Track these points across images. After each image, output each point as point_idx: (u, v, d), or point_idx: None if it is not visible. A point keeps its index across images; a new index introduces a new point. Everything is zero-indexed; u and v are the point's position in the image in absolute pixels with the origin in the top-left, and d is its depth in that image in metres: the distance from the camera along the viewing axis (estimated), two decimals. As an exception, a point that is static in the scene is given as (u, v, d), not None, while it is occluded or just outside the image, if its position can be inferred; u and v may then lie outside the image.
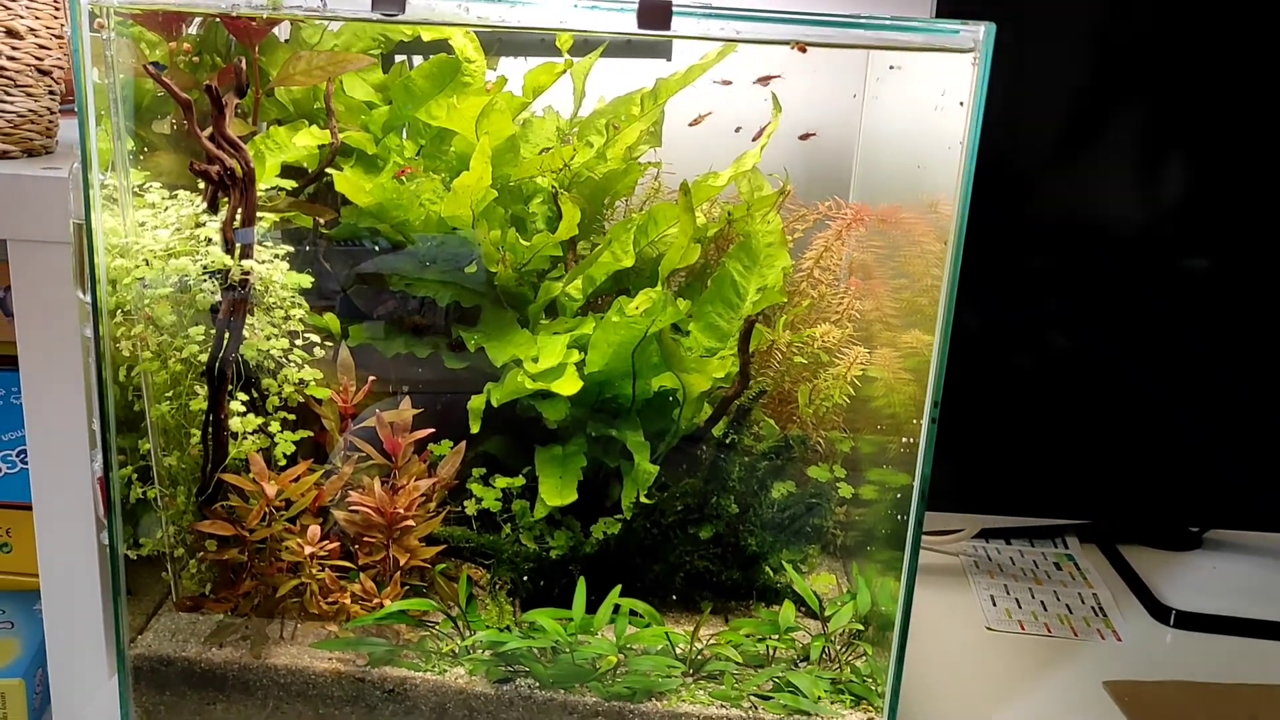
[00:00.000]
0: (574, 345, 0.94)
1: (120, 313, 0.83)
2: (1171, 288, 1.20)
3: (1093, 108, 1.16)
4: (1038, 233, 1.20)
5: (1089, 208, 1.20)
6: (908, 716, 0.98)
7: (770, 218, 1.04)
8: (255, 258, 0.85)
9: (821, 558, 1.09)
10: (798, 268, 1.07)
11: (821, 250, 1.07)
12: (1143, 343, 1.22)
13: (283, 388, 0.89)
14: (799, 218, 1.10)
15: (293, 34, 1.02)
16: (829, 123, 1.17)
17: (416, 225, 0.95)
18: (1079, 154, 1.18)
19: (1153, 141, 1.18)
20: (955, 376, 0.83)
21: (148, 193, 0.85)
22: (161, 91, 0.85)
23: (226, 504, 0.88)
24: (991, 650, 1.13)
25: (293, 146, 0.94)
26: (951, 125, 0.79)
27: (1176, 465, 1.27)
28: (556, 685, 0.88)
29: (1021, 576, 1.27)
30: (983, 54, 0.76)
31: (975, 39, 0.76)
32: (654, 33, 0.74)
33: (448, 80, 0.98)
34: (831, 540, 1.09)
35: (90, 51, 0.77)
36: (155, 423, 0.87)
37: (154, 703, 0.89)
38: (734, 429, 0.98)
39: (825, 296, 1.08)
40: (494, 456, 1.00)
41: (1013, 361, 1.24)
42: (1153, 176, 1.19)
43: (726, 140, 1.10)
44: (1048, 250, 1.21)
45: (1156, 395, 1.24)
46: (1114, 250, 1.20)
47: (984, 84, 0.76)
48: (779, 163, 1.10)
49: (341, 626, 0.90)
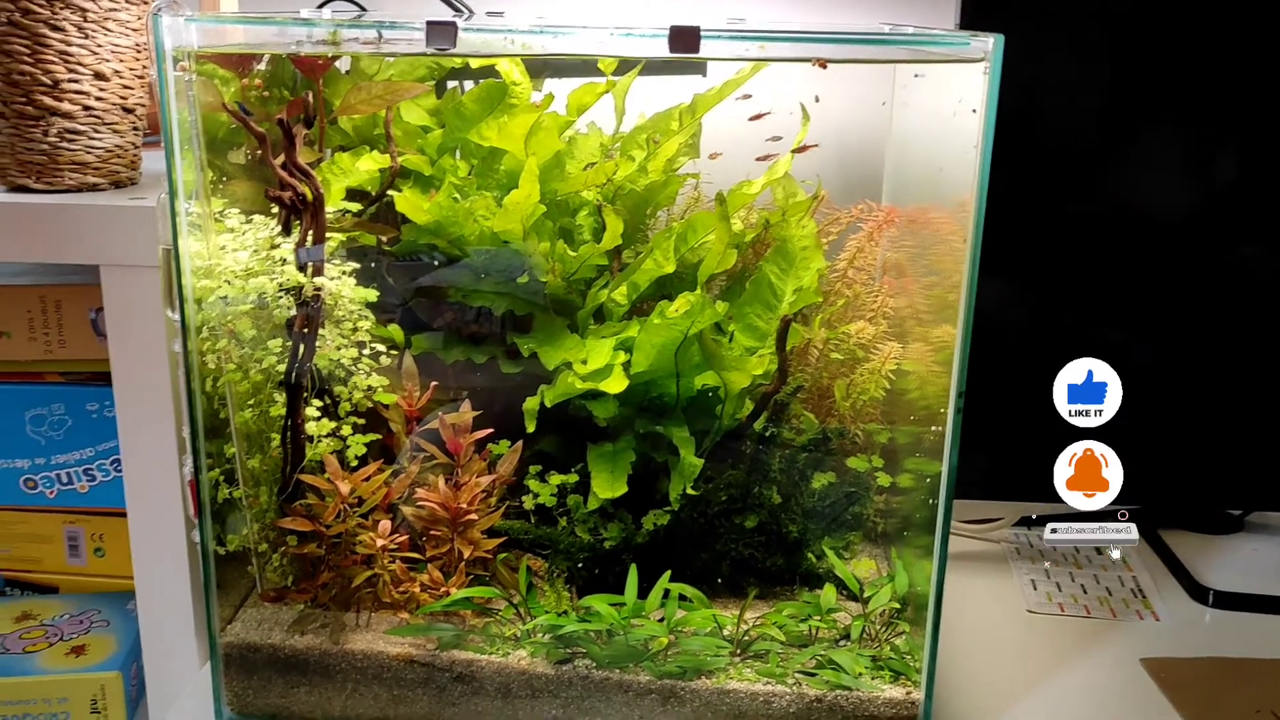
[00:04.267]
0: (620, 347, 1.00)
1: (206, 329, 0.91)
2: (1210, 272, 1.23)
3: (1149, 91, 1.19)
4: (1085, 221, 1.24)
5: (1137, 197, 1.24)
6: (949, 693, 1.03)
7: (805, 222, 1.10)
8: (325, 275, 0.92)
9: (863, 544, 1.14)
10: (832, 269, 1.12)
11: (854, 251, 1.12)
12: (1183, 328, 1.25)
13: (353, 394, 0.97)
14: (833, 221, 1.16)
15: (353, 66, 1.10)
16: (862, 129, 1.22)
17: (471, 240, 1.02)
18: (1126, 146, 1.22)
19: (1200, 130, 1.21)
20: (993, 366, 0.88)
21: (228, 218, 0.93)
22: (234, 124, 0.93)
23: (305, 502, 0.95)
24: (1031, 631, 1.17)
25: (356, 171, 1.01)
26: (969, 130, 0.84)
27: (1218, 449, 1.30)
28: (612, 665, 0.95)
29: (1062, 562, 1.31)
30: (992, 63, 0.81)
31: (985, 49, 0.81)
32: (684, 55, 0.80)
33: (496, 103, 1.05)
34: (872, 527, 1.14)
35: (174, 90, 0.85)
36: (239, 429, 0.95)
37: (243, 687, 0.97)
38: (772, 423, 1.04)
39: (860, 295, 1.13)
40: (550, 454, 1.07)
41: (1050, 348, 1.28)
42: (1201, 165, 1.22)
43: (764, 149, 1.16)
44: (1090, 236, 1.24)
45: (1198, 379, 1.27)
46: (1156, 238, 1.23)
47: (995, 91, 0.82)
48: (815, 170, 1.16)
49: (412, 614, 0.97)
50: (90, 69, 1.01)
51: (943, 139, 0.96)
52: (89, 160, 1.03)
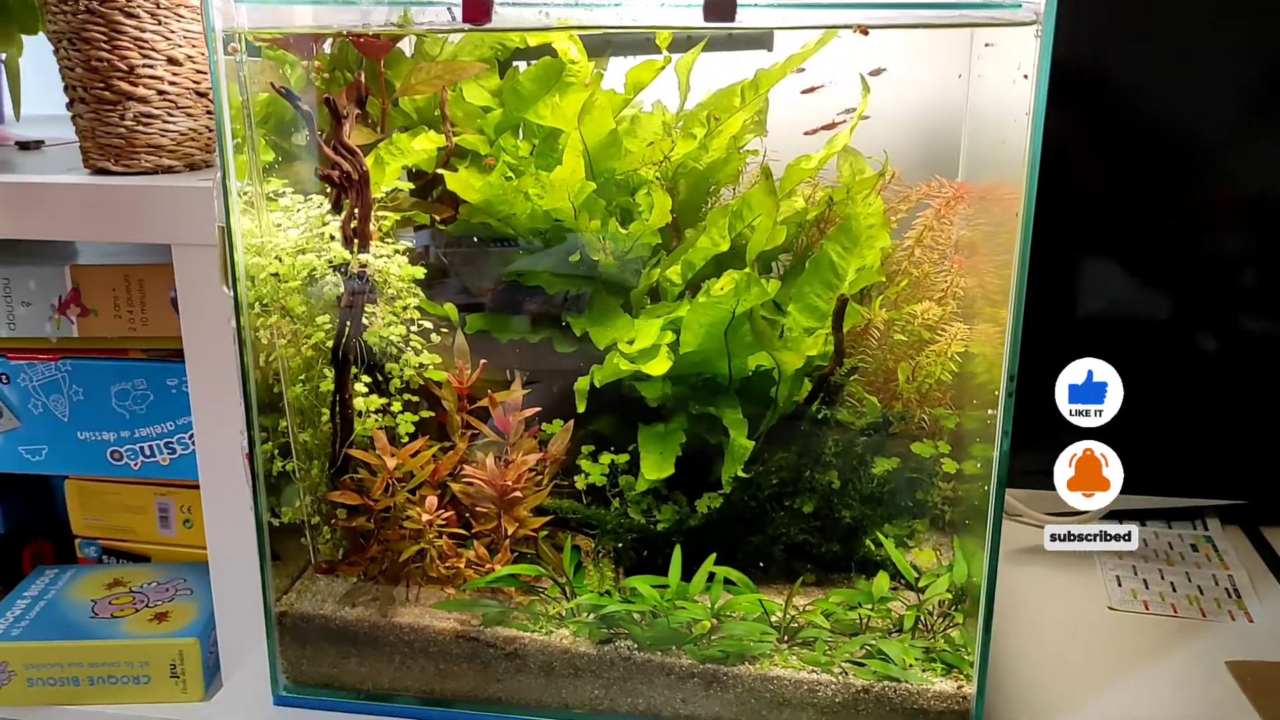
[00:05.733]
0: (669, 327, 0.99)
1: (259, 305, 0.93)
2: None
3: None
4: (1217, 212, 1.18)
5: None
6: (1011, 689, 0.99)
7: (871, 199, 1.07)
8: (374, 253, 0.93)
9: (929, 532, 1.10)
10: (900, 247, 1.09)
11: (922, 229, 1.09)
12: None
13: (404, 371, 0.98)
14: (903, 199, 1.12)
15: (417, 47, 1.11)
16: (939, 103, 1.18)
17: (523, 219, 1.02)
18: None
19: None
20: (1098, 354, 0.85)
21: (281, 197, 0.95)
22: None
23: (355, 476, 0.97)
24: (1110, 629, 1.11)
25: (412, 151, 1.02)
26: (1023, 99, 0.80)
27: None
28: (654, 647, 0.94)
29: (1152, 558, 1.25)
30: (1045, 25, 0.77)
31: (1037, 10, 0.77)
32: (716, 25, 0.78)
33: (553, 82, 1.04)
34: (940, 515, 1.10)
35: (224, 71, 0.87)
36: (291, 403, 0.97)
37: (298, 656, 1.00)
38: (825, 405, 1.01)
39: (929, 275, 1.09)
40: (604, 434, 1.07)
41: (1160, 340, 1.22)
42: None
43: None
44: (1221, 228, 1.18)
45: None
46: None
47: (1047, 55, 0.77)
48: (893, 145, 1.12)
49: (458, 589, 0.98)
50: (164, 54, 1.04)
51: (1004, 109, 0.91)
52: (164, 143, 1.06)
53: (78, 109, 1.06)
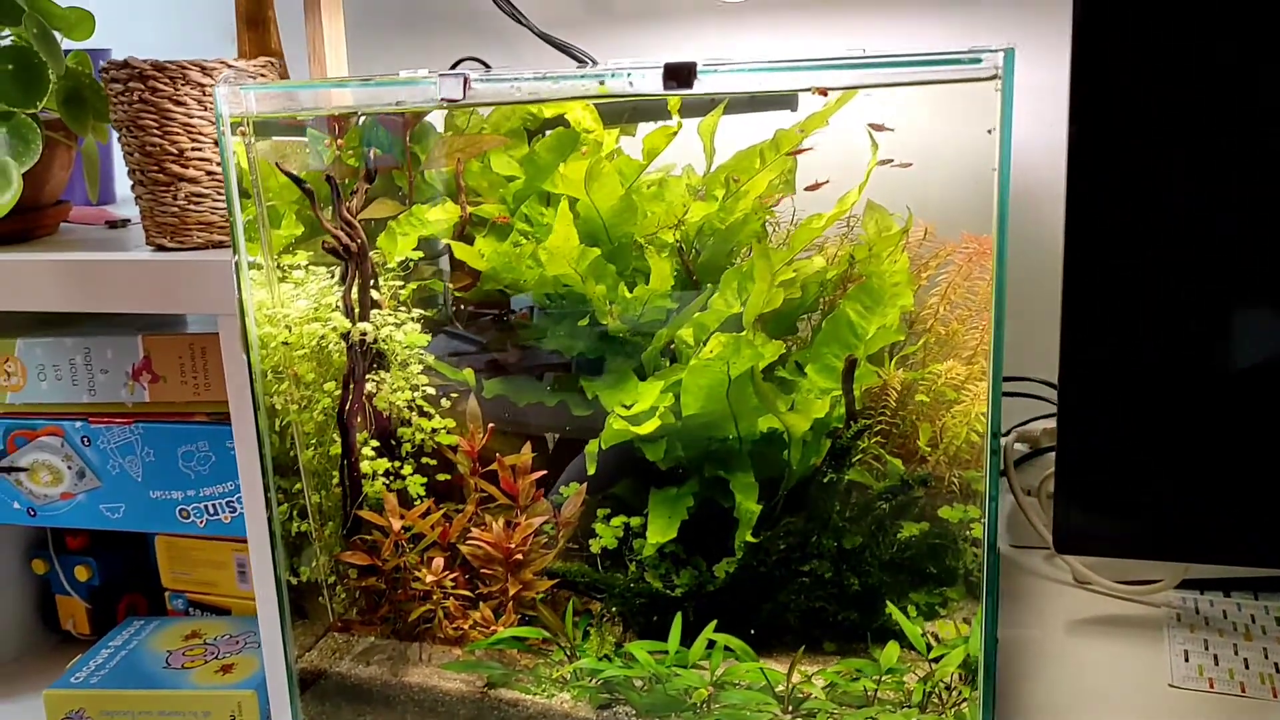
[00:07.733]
0: (669, 390, 0.99)
1: (271, 372, 0.98)
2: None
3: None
4: None
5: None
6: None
7: (896, 256, 1.04)
8: (380, 321, 0.97)
9: (965, 601, 1.06)
10: (925, 305, 1.06)
11: (946, 286, 1.05)
12: None
13: (415, 435, 1.01)
14: (934, 255, 1.09)
15: (447, 120, 1.15)
16: (972, 158, 1.14)
17: (531, 285, 1.04)
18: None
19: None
20: (1167, 405, 0.80)
21: (295, 270, 1.00)
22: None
23: (365, 537, 1.00)
24: (1166, 707, 1.04)
25: (429, 222, 1.06)
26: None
27: None
28: (652, 714, 0.93)
29: (1229, 631, 1.16)
30: (1005, 79, 0.75)
31: (996, 66, 0.75)
32: (672, 93, 0.79)
33: (568, 151, 1.06)
34: (976, 583, 1.05)
35: (232, 151, 0.93)
36: (305, 466, 1.01)
37: (318, 712, 1.03)
38: (832, 468, 0.98)
39: (956, 333, 1.06)
40: (622, 498, 1.07)
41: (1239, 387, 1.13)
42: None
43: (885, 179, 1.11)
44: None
45: None
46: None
47: (1010, 108, 0.75)
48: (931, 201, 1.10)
49: (464, 650, 0.99)
50: (210, 137, 1.11)
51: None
52: (214, 220, 1.13)
53: (138, 190, 1.14)
